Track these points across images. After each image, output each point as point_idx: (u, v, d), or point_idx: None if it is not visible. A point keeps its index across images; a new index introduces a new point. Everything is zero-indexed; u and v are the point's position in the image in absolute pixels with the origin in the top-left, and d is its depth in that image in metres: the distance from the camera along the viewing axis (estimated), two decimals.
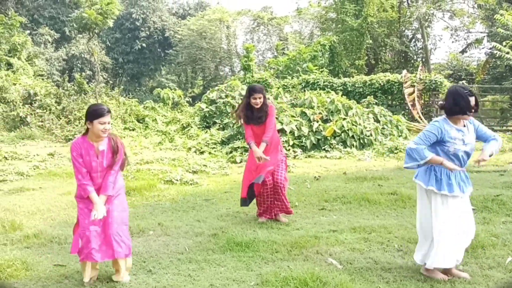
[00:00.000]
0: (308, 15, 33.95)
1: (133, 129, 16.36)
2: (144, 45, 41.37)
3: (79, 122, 16.63)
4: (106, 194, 4.41)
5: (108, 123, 4.36)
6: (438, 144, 4.38)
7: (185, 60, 41.92)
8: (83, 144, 4.39)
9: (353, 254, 5.21)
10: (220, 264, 4.99)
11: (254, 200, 6.59)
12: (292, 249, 5.38)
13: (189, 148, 12.50)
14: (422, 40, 28.17)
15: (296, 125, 12.21)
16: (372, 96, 17.13)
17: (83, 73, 29.10)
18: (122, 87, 21.46)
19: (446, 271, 4.53)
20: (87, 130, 4.42)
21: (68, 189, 8.66)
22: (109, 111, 4.41)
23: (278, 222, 6.45)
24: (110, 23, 18.59)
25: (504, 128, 18.62)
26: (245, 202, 6.48)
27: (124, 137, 15.30)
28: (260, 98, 6.26)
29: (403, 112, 18.17)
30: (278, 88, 17.56)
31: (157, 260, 5.12)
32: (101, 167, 4.42)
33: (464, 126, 4.40)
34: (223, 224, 6.40)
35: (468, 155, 4.42)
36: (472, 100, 4.28)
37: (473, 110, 4.30)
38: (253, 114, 6.31)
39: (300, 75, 20.77)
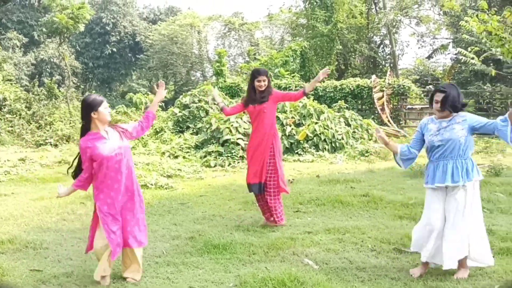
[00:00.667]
0: (279, 21, 34.14)
1: None
2: (114, 49, 40.97)
3: (50, 127, 16.39)
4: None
5: (108, 107, 4.50)
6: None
7: (156, 65, 41.61)
8: (89, 136, 4.43)
9: (328, 254, 5.29)
10: (198, 266, 5.00)
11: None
12: (269, 250, 5.43)
13: (163, 153, 12.44)
14: (390, 46, 28.64)
15: None
16: (343, 100, 17.35)
17: (53, 78, 28.58)
18: (93, 91, 21.12)
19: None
20: (88, 125, 4.44)
21: (40, 194, 8.55)
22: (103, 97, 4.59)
23: (255, 224, 6.50)
24: (82, 27, 18.35)
25: None
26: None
27: None
28: (264, 80, 6.20)
29: (372, 116, 18.43)
30: None
31: None
32: (117, 141, 4.49)
33: (450, 120, 4.55)
34: (200, 227, 6.41)
35: (444, 145, 4.52)
36: (435, 96, 4.58)
37: (434, 105, 4.59)
38: (256, 96, 6.25)
39: (272, 80, 20.87)
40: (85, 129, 4.46)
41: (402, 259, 5.13)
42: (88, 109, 4.37)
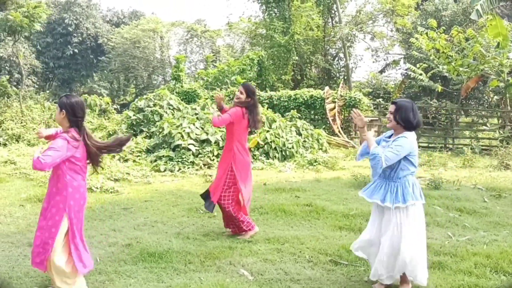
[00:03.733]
0: (239, 30, 34.09)
1: None
2: (76, 50, 40.07)
3: (0, 126, 15.65)
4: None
5: None
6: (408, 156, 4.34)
7: (117, 68, 40.95)
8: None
9: (265, 265, 5.14)
10: (130, 275, 4.75)
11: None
12: (206, 260, 5.23)
13: (113, 156, 11.98)
14: (344, 59, 28.92)
15: (221, 136, 12.04)
16: (295, 110, 17.28)
17: (13, 76, 27.52)
18: (51, 91, 20.35)
19: None
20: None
21: None
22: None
23: (196, 232, 6.28)
24: (37, 26, 17.66)
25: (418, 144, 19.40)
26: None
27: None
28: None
29: (324, 126, 18.46)
30: (206, 99, 17.34)
31: None
32: None
33: (395, 139, 4.42)
34: (139, 233, 6.13)
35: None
36: (389, 107, 4.50)
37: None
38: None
39: (228, 87, 20.71)
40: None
41: (337, 271, 5.03)
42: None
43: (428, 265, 5.10)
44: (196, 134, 11.86)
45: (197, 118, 12.82)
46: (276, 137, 12.85)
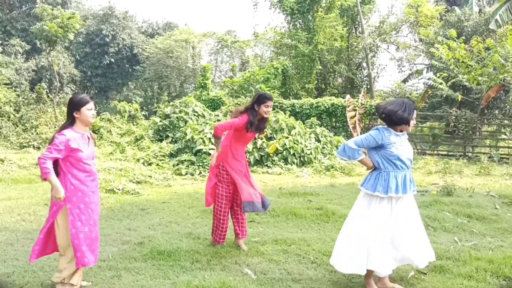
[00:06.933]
0: (266, 40, 34.17)
1: None
2: (112, 60, 40.83)
3: (35, 130, 16.09)
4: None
5: (93, 109, 4.16)
6: (380, 149, 4.37)
7: (151, 77, 41.53)
8: (75, 133, 4.10)
9: (269, 265, 5.13)
10: (139, 272, 4.80)
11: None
12: (212, 259, 5.25)
13: (138, 159, 12.16)
14: (367, 68, 28.60)
15: None
16: (317, 117, 17.19)
17: (53, 84, 28.27)
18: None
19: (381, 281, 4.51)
20: (72, 121, 4.11)
21: (9, 195, 8.33)
22: (92, 98, 4.21)
23: (207, 232, 6.30)
24: (71, 36, 18.11)
25: (435, 152, 19.07)
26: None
27: None
28: (271, 106, 5.48)
29: (344, 133, 18.34)
30: (229, 106, 17.40)
31: None
32: (92, 155, 4.23)
33: (402, 132, 4.44)
34: (152, 233, 6.20)
35: (409, 160, 4.45)
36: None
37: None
38: (258, 122, 5.51)
39: (253, 95, 20.66)
40: (66, 127, 4.10)
41: (339, 272, 4.97)
42: (72, 108, 4.08)
43: (430, 268, 5.04)
44: None
45: None
46: (294, 143, 12.82)
